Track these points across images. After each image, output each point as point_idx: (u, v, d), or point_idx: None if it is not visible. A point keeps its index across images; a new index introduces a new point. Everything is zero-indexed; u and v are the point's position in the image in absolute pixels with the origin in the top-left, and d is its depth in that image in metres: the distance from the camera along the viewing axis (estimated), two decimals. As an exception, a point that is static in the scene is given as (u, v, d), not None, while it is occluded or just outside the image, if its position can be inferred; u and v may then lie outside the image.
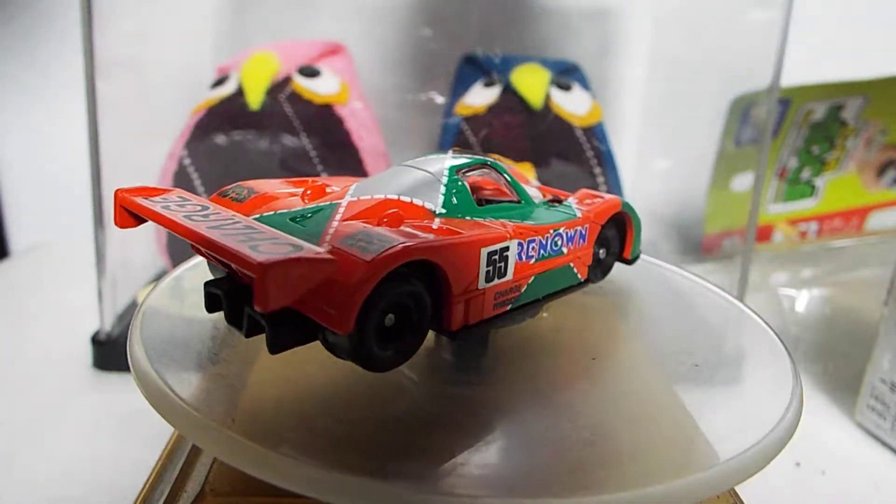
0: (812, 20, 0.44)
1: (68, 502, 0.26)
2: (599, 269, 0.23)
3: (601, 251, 0.23)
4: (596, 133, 0.40)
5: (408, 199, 0.19)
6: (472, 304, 0.18)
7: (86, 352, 0.36)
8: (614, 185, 0.39)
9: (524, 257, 0.19)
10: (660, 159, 0.54)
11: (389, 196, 0.19)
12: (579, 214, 0.21)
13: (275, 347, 0.15)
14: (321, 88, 0.39)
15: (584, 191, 0.23)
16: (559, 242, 0.20)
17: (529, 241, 0.19)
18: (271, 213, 0.18)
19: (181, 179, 0.37)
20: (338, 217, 0.17)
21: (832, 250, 0.50)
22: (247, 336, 0.16)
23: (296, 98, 0.38)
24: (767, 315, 0.26)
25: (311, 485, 0.14)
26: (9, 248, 0.57)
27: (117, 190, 0.18)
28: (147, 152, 0.39)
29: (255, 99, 0.37)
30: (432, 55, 0.50)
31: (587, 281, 0.22)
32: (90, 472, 0.28)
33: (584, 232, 0.21)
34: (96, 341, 0.36)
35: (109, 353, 0.36)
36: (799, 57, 0.40)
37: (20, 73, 0.54)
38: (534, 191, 0.23)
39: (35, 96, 0.55)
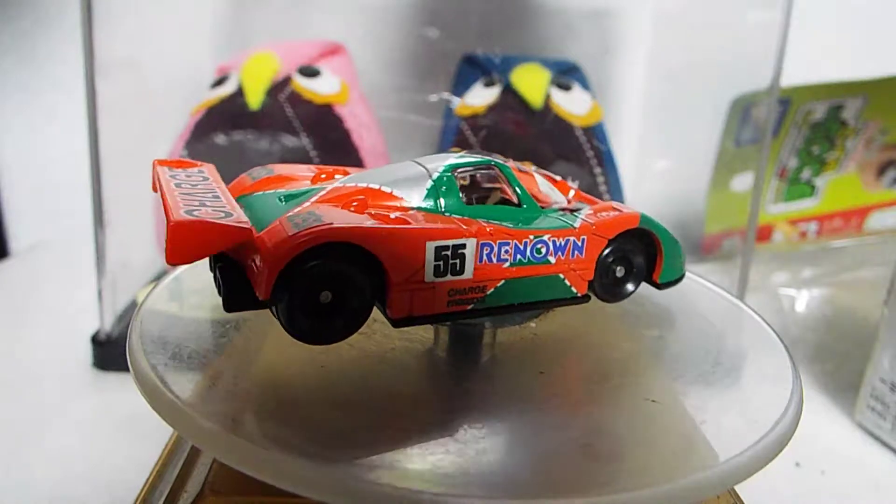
0: (812, 20, 0.44)
1: (68, 502, 0.26)
2: (612, 290, 0.21)
3: (618, 269, 0.21)
4: (596, 133, 0.40)
5: (388, 191, 0.19)
6: (417, 295, 0.18)
7: (86, 352, 0.36)
8: (614, 185, 0.39)
9: (494, 259, 0.18)
10: (660, 159, 0.54)
11: (371, 185, 0.19)
12: (577, 225, 0.20)
13: (227, 306, 0.17)
14: (321, 88, 0.39)
15: (609, 203, 0.22)
16: (543, 250, 0.19)
17: (501, 244, 0.18)
18: (270, 191, 0.19)
19: (181, 179, 0.37)
20: (313, 199, 0.18)
21: (832, 250, 0.51)
22: (219, 293, 0.17)
23: (296, 98, 0.38)
24: (767, 315, 0.26)
25: (311, 485, 0.14)
26: (9, 248, 0.57)
27: (155, 160, 0.20)
28: (147, 152, 0.39)
29: (255, 99, 0.37)
30: (432, 55, 0.50)
31: (587, 297, 0.21)
32: (90, 472, 0.28)
33: (579, 243, 0.20)
34: (96, 341, 0.36)
35: (109, 353, 0.36)
36: (799, 57, 0.40)
37: (20, 72, 0.54)
38: (557, 194, 0.22)
39: (35, 96, 0.55)
